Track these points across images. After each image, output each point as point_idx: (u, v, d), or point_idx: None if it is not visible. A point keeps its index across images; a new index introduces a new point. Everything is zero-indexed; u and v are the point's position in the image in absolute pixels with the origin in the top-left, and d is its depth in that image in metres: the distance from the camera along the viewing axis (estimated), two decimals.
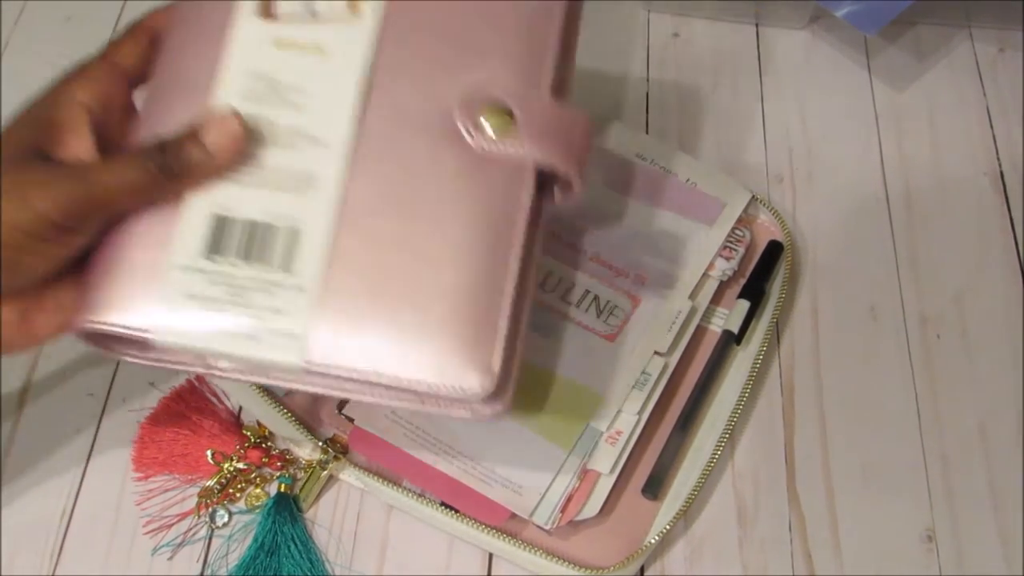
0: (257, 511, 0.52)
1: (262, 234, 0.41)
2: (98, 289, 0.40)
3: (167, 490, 0.52)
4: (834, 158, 0.64)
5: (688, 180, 0.59)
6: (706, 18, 0.70)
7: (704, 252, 0.57)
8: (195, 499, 0.52)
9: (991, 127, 0.66)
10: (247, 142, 0.41)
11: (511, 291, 0.41)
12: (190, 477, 0.52)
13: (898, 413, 0.55)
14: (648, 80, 0.68)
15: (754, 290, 0.56)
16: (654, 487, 0.51)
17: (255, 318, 0.40)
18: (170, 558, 0.51)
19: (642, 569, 0.51)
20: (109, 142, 0.42)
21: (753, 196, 0.59)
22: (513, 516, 0.49)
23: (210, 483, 0.52)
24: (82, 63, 0.43)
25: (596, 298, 0.55)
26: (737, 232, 0.58)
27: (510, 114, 0.43)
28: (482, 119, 0.42)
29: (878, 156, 0.64)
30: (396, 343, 0.40)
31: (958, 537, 0.52)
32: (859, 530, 0.52)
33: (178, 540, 0.51)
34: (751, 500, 0.53)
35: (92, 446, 0.54)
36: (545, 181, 0.45)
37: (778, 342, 0.57)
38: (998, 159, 0.64)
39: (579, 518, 0.49)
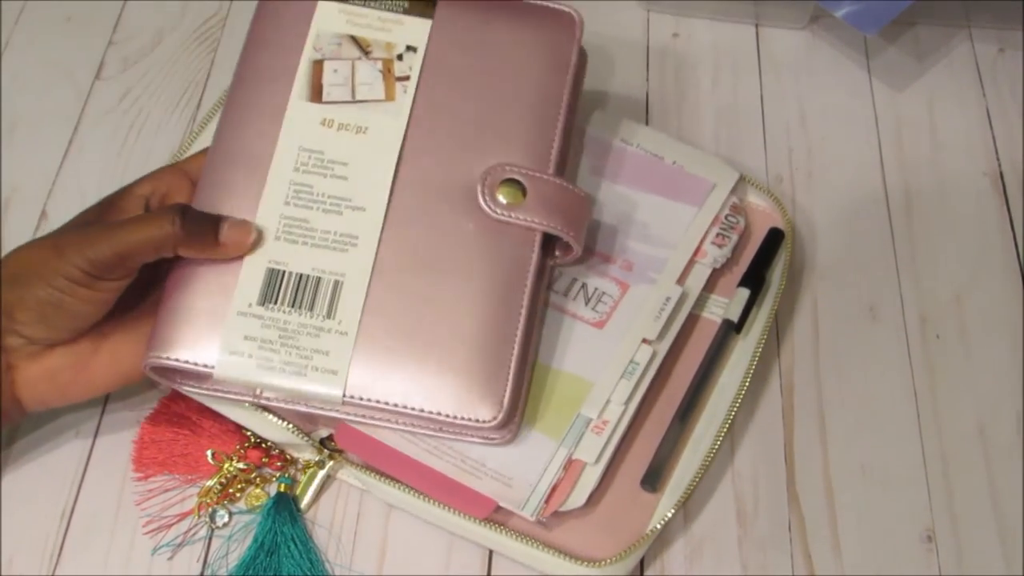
0: (257, 511, 0.52)
1: (310, 286, 0.48)
2: (167, 330, 0.48)
3: (167, 490, 0.52)
4: (834, 158, 0.64)
5: (674, 162, 0.59)
6: (706, 18, 0.70)
7: (692, 235, 0.56)
8: (195, 499, 0.52)
9: (991, 127, 0.66)
10: (251, 249, 0.49)
11: (520, 337, 0.49)
12: (190, 477, 0.53)
13: (898, 413, 0.55)
14: (648, 80, 0.68)
15: (754, 278, 0.56)
16: (653, 479, 0.51)
17: (303, 357, 0.47)
18: (170, 558, 0.51)
19: (642, 569, 0.51)
20: None
21: (741, 176, 0.59)
22: (500, 509, 0.49)
23: (210, 483, 0.52)
24: (157, 169, 0.53)
25: (584, 286, 0.55)
26: (731, 219, 0.57)
27: (522, 190, 0.50)
28: (498, 194, 0.50)
29: (878, 156, 0.64)
30: (422, 381, 0.48)
31: (958, 537, 0.52)
32: (859, 530, 0.52)
33: (178, 540, 0.51)
34: (751, 500, 0.53)
35: (92, 446, 0.54)
36: (548, 243, 0.53)
37: (778, 341, 0.57)
38: (998, 159, 0.64)
39: (564, 508, 0.49)
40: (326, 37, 0.53)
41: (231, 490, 0.52)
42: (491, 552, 0.51)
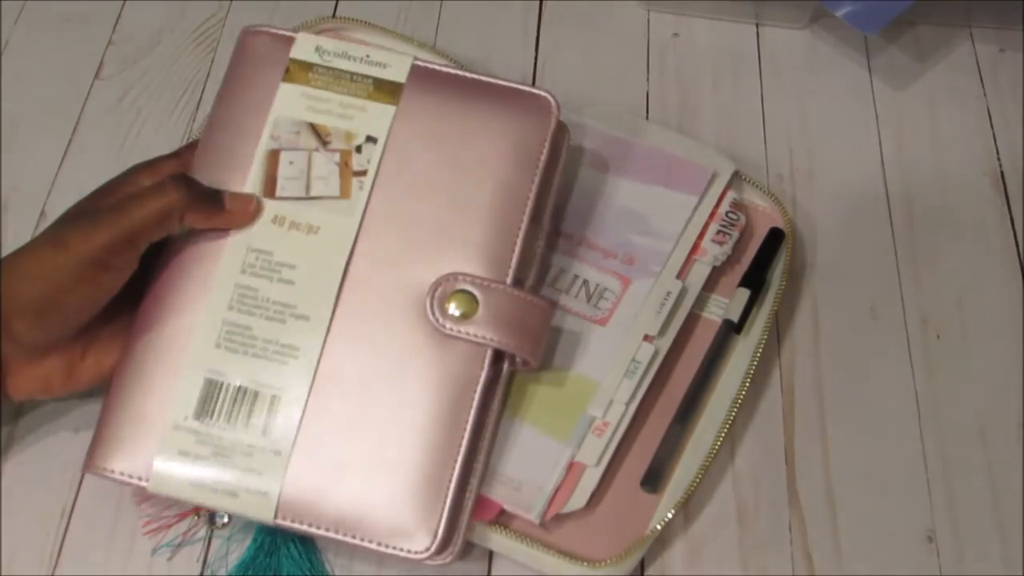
0: None
1: (247, 400, 0.48)
2: (107, 438, 0.48)
3: None
4: (834, 158, 0.64)
5: (673, 153, 0.59)
6: (706, 18, 0.70)
7: (694, 224, 0.56)
8: None
9: (991, 127, 0.66)
10: (257, 216, 0.49)
11: (460, 462, 0.47)
12: None
13: (898, 413, 0.55)
14: (648, 80, 0.68)
15: (755, 278, 0.56)
16: (653, 480, 0.51)
17: (235, 477, 0.47)
18: (170, 558, 0.51)
19: (642, 569, 0.51)
20: None
21: (737, 172, 0.59)
22: (503, 512, 0.49)
23: None
24: (156, 158, 0.52)
25: (585, 283, 0.55)
26: (731, 215, 0.57)
27: (476, 300, 0.48)
28: (448, 305, 0.48)
29: (878, 156, 0.64)
30: (354, 508, 0.47)
31: (958, 537, 0.52)
32: (859, 530, 0.52)
33: (178, 540, 0.51)
34: (751, 500, 0.53)
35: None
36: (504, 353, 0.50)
37: (778, 341, 0.57)
38: (998, 159, 0.64)
39: (565, 510, 0.49)
40: (284, 124, 0.51)
41: None
42: (491, 553, 0.51)
